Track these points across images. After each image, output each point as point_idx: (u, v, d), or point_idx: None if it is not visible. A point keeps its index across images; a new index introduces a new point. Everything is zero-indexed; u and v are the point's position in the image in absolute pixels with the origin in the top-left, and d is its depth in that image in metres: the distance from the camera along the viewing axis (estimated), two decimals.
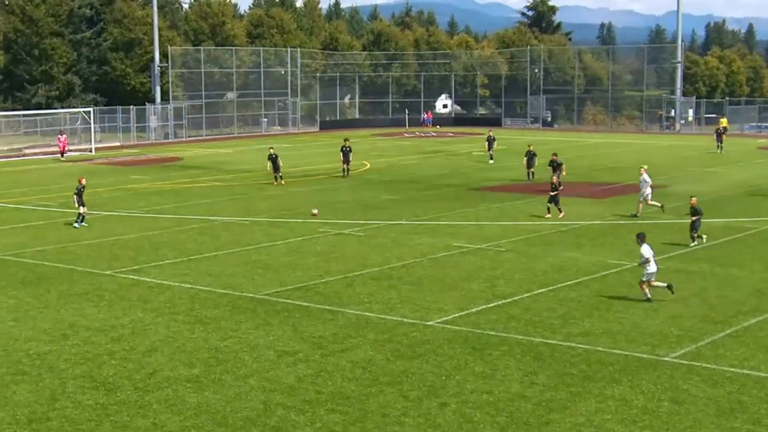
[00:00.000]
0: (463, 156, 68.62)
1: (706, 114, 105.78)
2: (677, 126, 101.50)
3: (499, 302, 25.32)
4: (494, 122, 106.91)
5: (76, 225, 38.17)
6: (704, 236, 33.14)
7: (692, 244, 32.75)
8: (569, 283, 27.60)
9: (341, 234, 36.14)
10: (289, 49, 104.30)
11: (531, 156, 54.34)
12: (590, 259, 31.07)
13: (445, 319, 23.79)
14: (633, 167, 59.36)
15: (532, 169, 54.03)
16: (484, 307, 24.94)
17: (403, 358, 20.62)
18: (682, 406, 17.61)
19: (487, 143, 65.83)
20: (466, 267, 29.97)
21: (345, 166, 55.22)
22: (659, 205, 40.22)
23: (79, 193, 38.59)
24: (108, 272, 29.62)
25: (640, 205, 40.32)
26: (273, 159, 52.33)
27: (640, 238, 25.92)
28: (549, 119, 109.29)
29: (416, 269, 29.70)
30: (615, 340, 21.74)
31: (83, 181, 39.35)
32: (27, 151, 75.78)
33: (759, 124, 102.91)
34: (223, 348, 21.41)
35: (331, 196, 47.16)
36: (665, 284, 25.43)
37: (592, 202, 45.00)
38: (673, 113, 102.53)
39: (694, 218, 33.03)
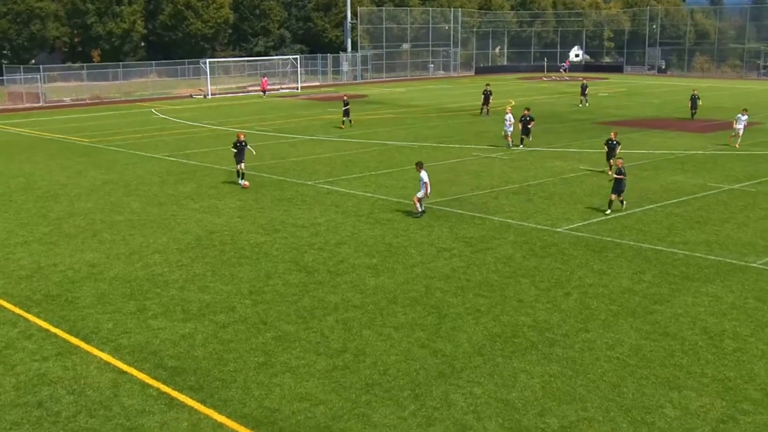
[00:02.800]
0: (589, 96, 66.64)
1: None
2: None
3: (616, 215, 24.77)
4: (617, 69, 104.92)
5: (241, 182, 29.64)
6: (625, 203, 25.45)
7: (608, 212, 24.92)
8: (674, 201, 26.74)
9: (489, 157, 35.84)
10: (452, 9, 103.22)
11: (695, 99, 50.62)
12: (693, 181, 29.95)
13: (570, 226, 23.46)
14: (733, 108, 56.55)
15: (695, 111, 50.36)
16: (603, 218, 24.45)
17: (536, 256, 20.49)
18: (766, 303, 16.98)
19: (581, 89, 61.13)
20: (590, 186, 29.37)
21: (485, 107, 53.04)
22: (512, 142, 38.39)
23: (239, 149, 30.04)
24: (309, 183, 30.28)
25: (509, 139, 38.34)
26: (346, 104, 47.16)
27: (418, 166, 24.81)
28: (663, 67, 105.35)
29: (549, 186, 29.28)
30: (711, 248, 21.03)
31: (242, 137, 30.53)
32: (249, 89, 77.63)
33: None
34: (395, 243, 21.71)
35: (481, 127, 46.70)
36: (422, 210, 24.63)
37: (696, 135, 43.18)
38: None
39: (618, 177, 24.97)
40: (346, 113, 47.04)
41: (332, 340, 15.06)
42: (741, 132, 38.57)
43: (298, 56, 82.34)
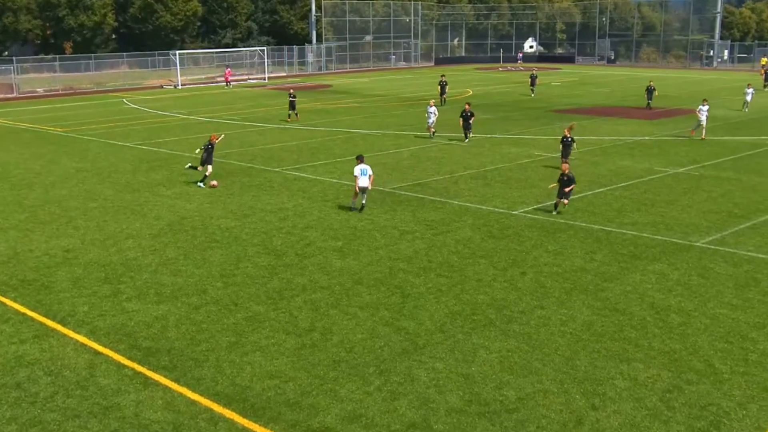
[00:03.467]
0: (543, 86, 67.00)
1: (738, 54, 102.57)
2: (714, 63, 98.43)
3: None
4: (569, 60, 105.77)
5: (200, 185, 26.88)
6: (564, 203, 23.12)
7: (554, 213, 22.97)
8: (623, 184, 27.02)
9: (449, 144, 35.94)
10: (412, 2, 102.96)
11: (651, 90, 49.44)
12: (641, 166, 30.29)
13: (526, 209, 23.62)
14: (677, 96, 57.34)
15: (650, 101, 49.28)
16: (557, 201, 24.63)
17: (493, 237, 20.62)
18: (708, 280, 17.26)
19: (530, 80, 60.05)
20: (543, 171, 29.57)
21: (442, 96, 52.19)
22: (433, 131, 37.34)
23: (209, 150, 27.23)
24: (277, 169, 30.14)
25: (431, 130, 37.26)
26: (292, 97, 44.74)
27: (358, 159, 23.63)
28: (612, 57, 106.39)
29: (505, 171, 29.44)
30: (657, 229, 21.31)
31: (215, 140, 27.70)
32: (218, 79, 76.91)
33: None
34: (360, 227, 21.71)
35: (441, 115, 46.68)
36: (360, 206, 23.17)
37: (643, 122, 43.65)
38: (711, 53, 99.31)
39: (566, 187, 22.70)
40: (292, 106, 44.55)
41: (300, 320, 15.05)
42: (704, 123, 36.98)
43: (264, 48, 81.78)
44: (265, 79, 76.98)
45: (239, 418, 11.44)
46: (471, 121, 36.40)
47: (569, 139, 29.26)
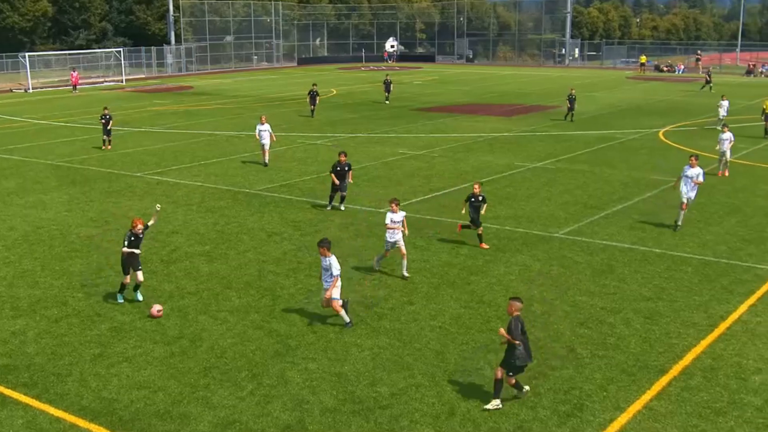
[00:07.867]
0: (406, 84, 68.01)
1: (588, 52, 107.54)
2: (567, 61, 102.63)
3: (434, 194, 25.46)
4: (429, 59, 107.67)
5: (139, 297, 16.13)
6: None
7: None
8: (485, 179, 27.72)
9: (314, 144, 35.91)
10: (273, 2, 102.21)
11: (572, 99, 43.56)
12: (501, 161, 31.20)
13: None
14: (533, 93, 59.39)
15: (573, 111, 43.69)
16: (422, 198, 25.08)
17: (361, 236, 20.75)
18: (568, 269, 17.97)
19: (384, 85, 54.09)
20: (409, 168, 30.02)
21: (312, 107, 46.11)
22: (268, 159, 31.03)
23: (134, 242, 15.97)
24: (138, 174, 29.26)
25: (265, 155, 30.63)
26: (106, 119, 35.13)
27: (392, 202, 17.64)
28: (471, 56, 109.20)
29: (371, 170, 29.68)
30: (519, 222, 22.01)
31: (140, 226, 16.06)
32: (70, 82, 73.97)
33: (627, 60, 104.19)
34: (227, 230, 21.37)
35: (306, 116, 46.66)
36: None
37: (502, 119, 45.02)
38: (563, 51, 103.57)
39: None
40: (106, 130, 35.07)
41: (168, 328, 14.67)
42: (728, 153, 28.48)
43: (121, 49, 79.16)
44: (122, 81, 74.57)
45: None
46: (348, 180, 23.72)
47: (479, 198, 19.82)
